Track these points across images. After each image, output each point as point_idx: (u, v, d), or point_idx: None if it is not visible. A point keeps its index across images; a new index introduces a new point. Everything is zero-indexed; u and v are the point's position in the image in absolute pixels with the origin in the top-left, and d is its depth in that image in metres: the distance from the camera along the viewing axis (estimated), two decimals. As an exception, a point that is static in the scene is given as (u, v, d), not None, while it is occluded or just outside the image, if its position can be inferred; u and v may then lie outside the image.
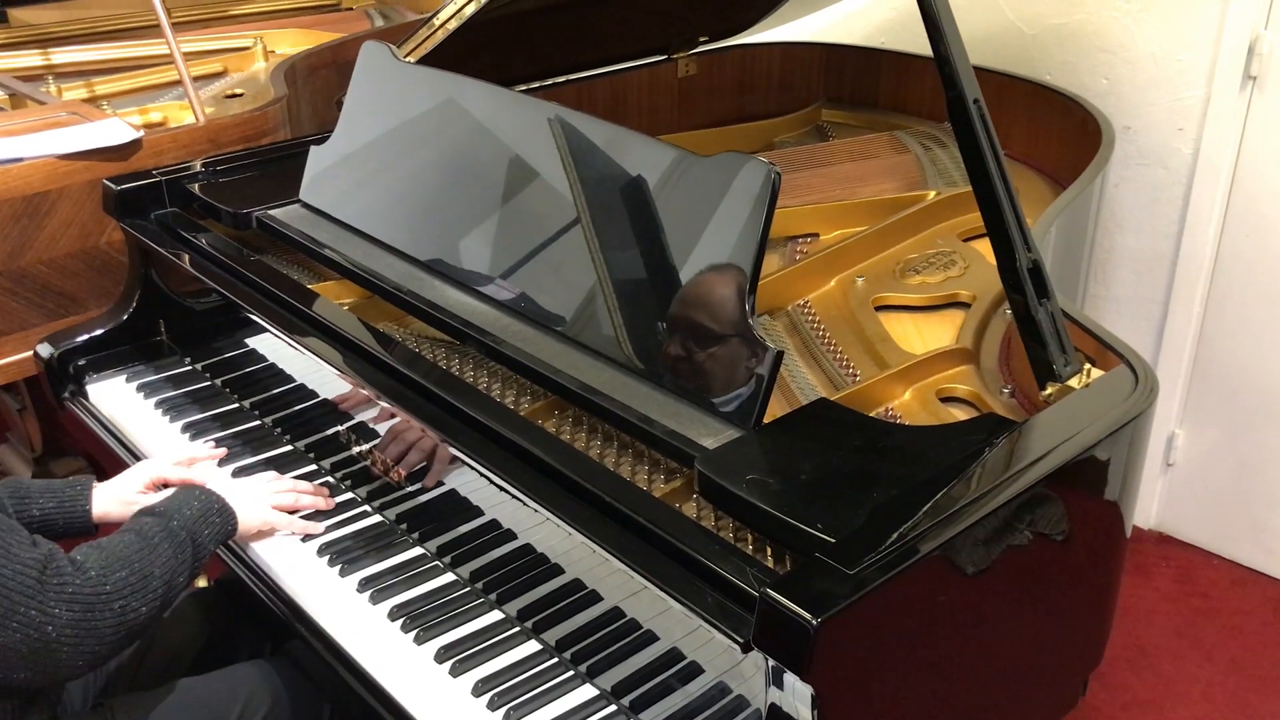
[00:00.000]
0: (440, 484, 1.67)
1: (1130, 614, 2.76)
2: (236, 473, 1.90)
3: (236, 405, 2.10)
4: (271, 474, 1.84)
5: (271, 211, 2.08)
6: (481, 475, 1.54)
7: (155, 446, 2.02)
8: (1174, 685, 2.57)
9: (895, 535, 1.21)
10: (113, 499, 1.72)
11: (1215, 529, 2.97)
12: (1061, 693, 1.62)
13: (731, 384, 1.46)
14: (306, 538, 1.75)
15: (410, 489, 1.72)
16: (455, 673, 1.50)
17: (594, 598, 1.46)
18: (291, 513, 1.76)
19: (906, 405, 1.68)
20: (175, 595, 1.49)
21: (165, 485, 1.77)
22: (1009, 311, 1.60)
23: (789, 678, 1.16)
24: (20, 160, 2.29)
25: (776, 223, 1.50)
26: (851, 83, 3.06)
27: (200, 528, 1.55)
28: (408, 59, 2.17)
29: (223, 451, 1.94)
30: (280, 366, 1.98)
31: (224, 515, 1.61)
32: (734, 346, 1.47)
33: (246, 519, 1.68)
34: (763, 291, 1.59)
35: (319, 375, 1.87)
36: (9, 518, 1.39)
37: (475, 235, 1.83)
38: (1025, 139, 2.64)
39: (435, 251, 1.87)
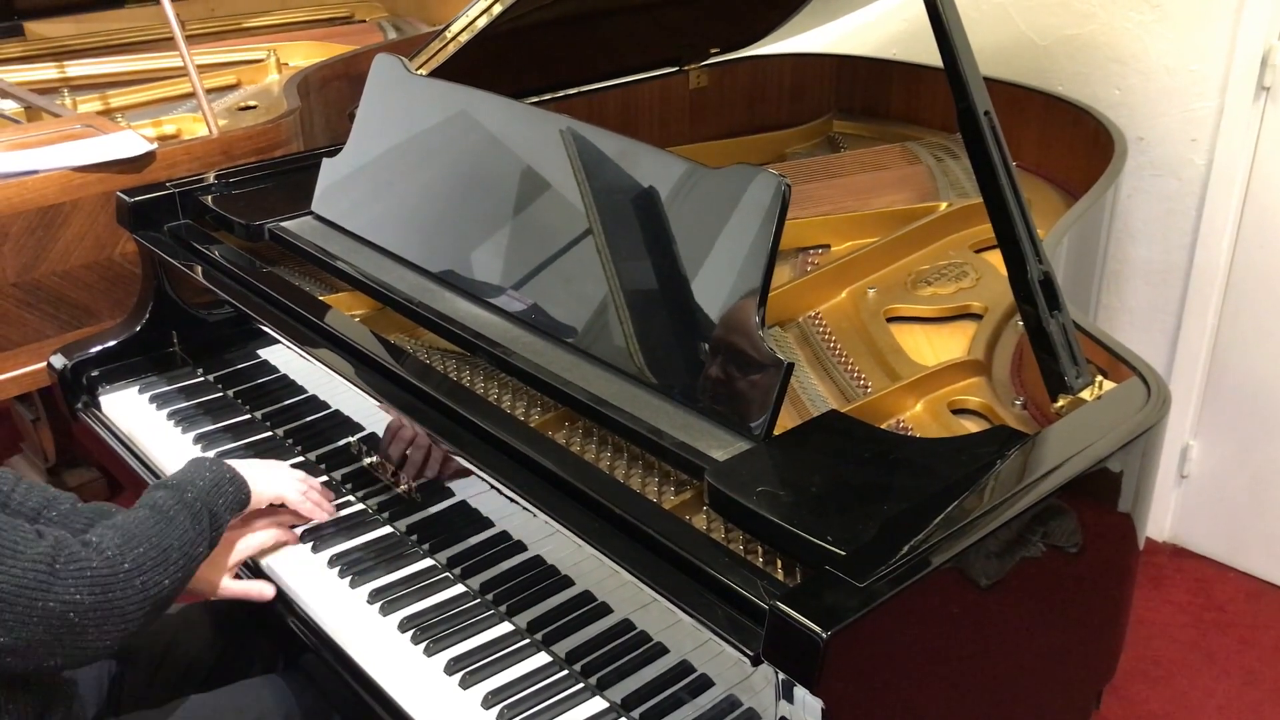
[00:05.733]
0: (451, 495, 1.67)
1: (1144, 627, 2.74)
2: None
3: (248, 416, 2.11)
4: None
5: (284, 223, 2.09)
6: (492, 487, 1.54)
7: (167, 458, 2.03)
8: (1188, 699, 2.56)
9: (906, 548, 1.20)
10: None
11: (1230, 541, 2.96)
12: (1074, 706, 1.61)
13: (742, 396, 1.46)
14: (317, 548, 1.75)
15: (420, 500, 1.73)
16: (465, 684, 1.50)
17: (604, 610, 1.46)
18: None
19: (918, 417, 1.68)
20: (196, 566, 1.49)
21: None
22: (1021, 323, 1.59)
23: (799, 691, 1.16)
24: (35, 173, 2.31)
25: (788, 234, 1.50)
26: (863, 94, 3.07)
27: (214, 498, 1.55)
28: (420, 71, 2.18)
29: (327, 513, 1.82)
30: (292, 378, 1.98)
31: (236, 484, 1.61)
32: (744, 358, 1.46)
33: (260, 488, 1.67)
34: (774, 303, 1.59)
35: (330, 387, 1.87)
36: (7, 515, 1.38)
37: (486, 247, 1.83)
38: (1037, 150, 2.64)
39: (447, 263, 1.87)
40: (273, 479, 1.71)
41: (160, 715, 1.59)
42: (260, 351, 2.04)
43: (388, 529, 1.79)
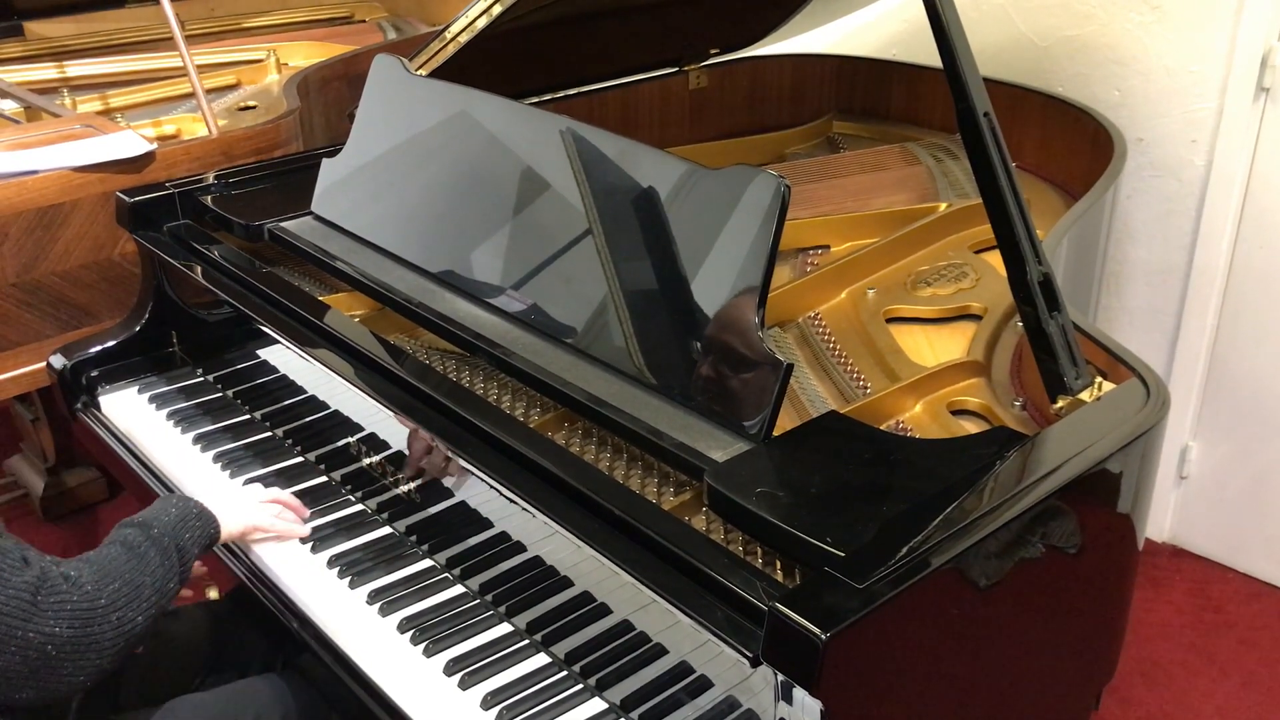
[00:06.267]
0: (450, 496, 1.67)
1: (1143, 627, 2.74)
2: (246, 483, 1.91)
3: (248, 417, 2.10)
4: (257, 487, 1.85)
5: (283, 223, 2.09)
6: (491, 488, 1.54)
7: (167, 458, 2.03)
8: (1187, 700, 2.56)
9: (905, 549, 1.20)
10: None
11: (1230, 542, 2.96)
12: (1073, 707, 1.62)
13: (741, 396, 1.46)
14: (316, 549, 1.75)
15: (420, 501, 1.73)
16: (464, 685, 1.50)
17: (604, 611, 1.46)
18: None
19: (917, 418, 1.68)
20: (168, 602, 1.51)
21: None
22: (1020, 324, 1.59)
23: (798, 693, 1.16)
24: (34, 173, 2.31)
25: (787, 234, 1.50)
26: (863, 94, 3.07)
27: (180, 532, 1.56)
28: (419, 72, 2.18)
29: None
30: (291, 378, 1.98)
31: (204, 519, 1.62)
32: (744, 359, 1.46)
33: (229, 523, 1.68)
34: (773, 303, 1.59)
35: (330, 387, 1.87)
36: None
37: (486, 247, 1.83)
38: (1037, 151, 2.64)
39: (446, 264, 1.87)
40: (241, 512, 1.72)
41: (159, 715, 1.59)
42: (260, 352, 2.04)
43: (387, 529, 1.79)
